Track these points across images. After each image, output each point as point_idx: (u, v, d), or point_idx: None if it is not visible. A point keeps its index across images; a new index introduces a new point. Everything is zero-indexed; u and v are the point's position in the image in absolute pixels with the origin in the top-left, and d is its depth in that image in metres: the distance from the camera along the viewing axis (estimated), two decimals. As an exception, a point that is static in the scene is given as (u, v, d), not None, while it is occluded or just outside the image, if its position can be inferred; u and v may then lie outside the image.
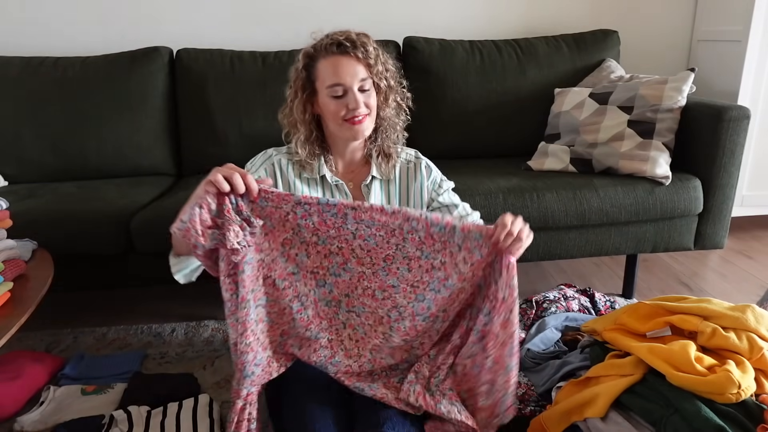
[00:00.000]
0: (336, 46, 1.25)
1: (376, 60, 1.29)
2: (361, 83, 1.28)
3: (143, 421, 1.30)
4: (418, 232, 1.13)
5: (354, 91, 1.27)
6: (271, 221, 1.11)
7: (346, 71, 1.26)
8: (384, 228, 1.13)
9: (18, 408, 1.41)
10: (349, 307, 1.20)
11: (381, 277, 1.16)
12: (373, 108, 1.32)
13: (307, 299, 1.17)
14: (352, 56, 1.25)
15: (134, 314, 1.96)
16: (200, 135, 2.10)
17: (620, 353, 1.28)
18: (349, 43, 1.25)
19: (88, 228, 1.63)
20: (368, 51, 1.27)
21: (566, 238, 1.78)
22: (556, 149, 1.92)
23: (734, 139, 1.74)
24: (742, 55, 2.26)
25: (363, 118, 1.29)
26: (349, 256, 1.16)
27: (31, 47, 2.23)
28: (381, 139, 1.39)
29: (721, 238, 1.87)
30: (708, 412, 1.06)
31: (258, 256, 1.12)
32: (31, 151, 2.04)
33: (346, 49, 1.25)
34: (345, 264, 1.16)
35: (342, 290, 1.19)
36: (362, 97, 1.28)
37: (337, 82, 1.26)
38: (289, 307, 1.16)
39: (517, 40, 2.24)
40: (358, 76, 1.27)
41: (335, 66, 1.26)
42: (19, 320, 1.14)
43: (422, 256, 1.15)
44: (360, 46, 1.26)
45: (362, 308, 1.19)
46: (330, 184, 1.39)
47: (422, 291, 1.17)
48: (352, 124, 1.29)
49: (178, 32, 2.29)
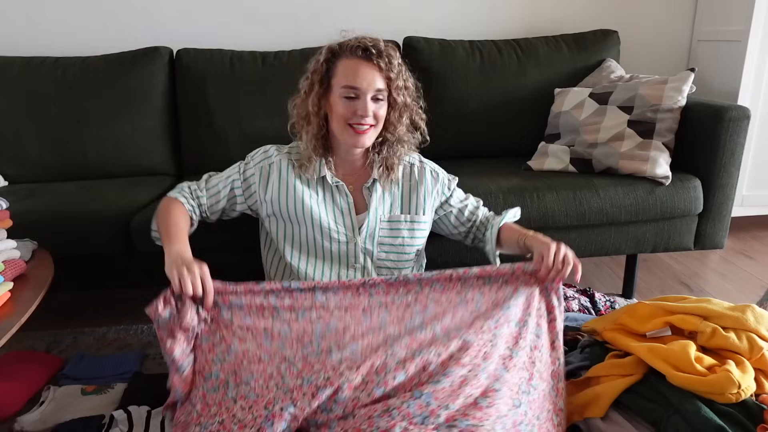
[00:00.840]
0: (362, 50, 1.25)
1: (398, 75, 1.28)
2: (376, 93, 1.27)
3: (143, 421, 1.30)
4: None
5: (367, 98, 1.26)
6: (249, 315, 1.17)
7: (364, 77, 1.25)
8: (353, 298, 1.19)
9: (18, 408, 1.41)
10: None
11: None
12: (380, 120, 1.31)
13: (294, 358, 1.10)
14: (374, 64, 1.25)
15: (134, 314, 1.96)
16: (200, 135, 2.10)
17: (620, 353, 1.28)
18: (375, 50, 1.24)
19: (88, 228, 1.63)
20: (392, 64, 1.26)
21: (566, 238, 1.77)
22: (556, 149, 1.92)
23: (734, 139, 1.74)
24: (742, 55, 2.26)
25: (368, 128, 1.29)
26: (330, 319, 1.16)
27: (31, 47, 2.23)
28: (386, 152, 1.39)
29: (721, 238, 1.87)
30: (708, 412, 1.06)
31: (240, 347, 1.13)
32: (31, 151, 2.04)
33: (371, 56, 1.25)
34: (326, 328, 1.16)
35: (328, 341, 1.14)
36: (373, 106, 1.27)
37: (352, 85, 1.25)
38: (277, 369, 1.08)
39: (517, 40, 2.24)
40: (375, 84, 1.26)
41: (355, 69, 1.25)
42: (19, 320, 1.14)
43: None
44: (385, 57, 1.25)
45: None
46: (330, 185, 1.39)
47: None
48: (355, 132, 1.29)
49: (178, 32, 2.29)
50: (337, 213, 1.40)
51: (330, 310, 1.18)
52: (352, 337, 1.12)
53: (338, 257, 1.41)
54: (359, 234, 1.41)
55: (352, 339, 1.11)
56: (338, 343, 1.11)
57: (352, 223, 1.41)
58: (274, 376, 1.06)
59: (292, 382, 1.03)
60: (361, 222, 1.41)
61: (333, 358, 1.07)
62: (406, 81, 1.32)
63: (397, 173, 1.42)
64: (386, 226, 1.42)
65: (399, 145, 1.39)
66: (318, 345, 1.11)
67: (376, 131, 1.32)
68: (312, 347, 1.11)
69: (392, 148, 1.39)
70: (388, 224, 1.43)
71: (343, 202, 1.41)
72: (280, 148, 1.44)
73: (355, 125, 1.28)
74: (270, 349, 1.11)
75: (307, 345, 1.11)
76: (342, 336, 1.12)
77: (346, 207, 1.41)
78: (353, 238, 1.41)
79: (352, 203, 1.41)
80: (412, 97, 1.36)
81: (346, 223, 1.41)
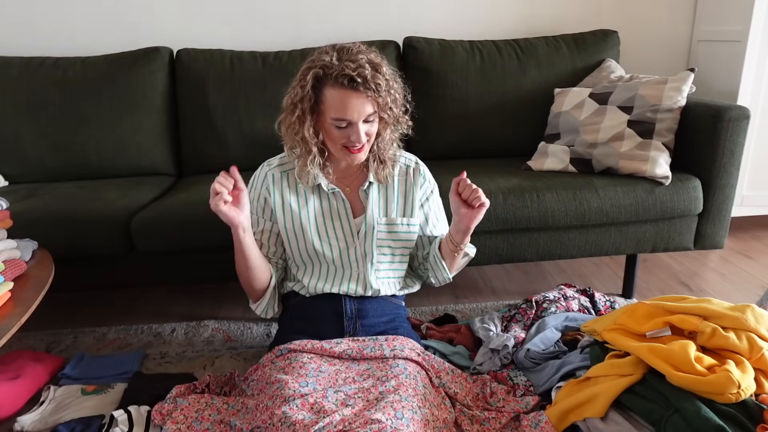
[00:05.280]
0: (348, 80, 1.21)
1: (386, 95, 1.26)
2: (367, 117, 1.27)
3: (143, 421, 1.30)
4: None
5: (359, 126, 1.26)
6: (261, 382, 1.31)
7: (354, 108, 1.23)
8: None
9: (18, 408, 1.41)
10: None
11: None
12: (373, 135, 1.32)
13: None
14: (362, 93, 1.22)
15: (134, 314, 1.96)
16: (200, 135, 2.10)
17: (620, 353, 1.28)
18: (361, 79, 1.21)
19: (88, 228, 1.63)
20: (379, 88, 1.23)
21: (566, 238, 1.78)
22: (556, 149, 1.92)
23: (734, 139, 1.74)
24: (742, 55, 2.26)
25: (361, 147, 1.30)
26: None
27: (31, 47, 2.23)
28: (377, 148, 1.39)
29: (721, 238, 1.87)
30: (708, 412, 1.06)
31: None
32: (31, 151, 2.04)
33: (358, 86, 1.21)
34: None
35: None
36: (365, 127, 1.28)
37: (343, 117, 1.24)
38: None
39: (517, 40, 2.24)
40: (365, 113, 1.25)
41: (344, 101, 1.23)
42: (19, 320, 1.14)
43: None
44: (371, 83, 1.22)
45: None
46: (326, 192, 1.40)
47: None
48: (350, 152, 1.30)
49: (178, 32, 2.29)
50: (335, 219, 1.41)
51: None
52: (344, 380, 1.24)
53: (340, 264, 1.42)
54: (358, 238, 1.41)
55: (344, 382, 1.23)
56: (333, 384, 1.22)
57: (350, 228, 1.41)
58: (276, 413, 1.11)
59: (294, 416, 1.10)
60: (359, 225, 1.41)
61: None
62: (395, 92, 1.30)
63: (391, 168, 1.42)
64: (384, 228, 1.43)
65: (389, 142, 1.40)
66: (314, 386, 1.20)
67: (370, 144, 1.34)
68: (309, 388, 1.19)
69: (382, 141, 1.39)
70: (386, 226, 1.43)
71: (340, 207, 1.41)
72: (270, 161, 1.45)
73: (350, 146, 1.30)
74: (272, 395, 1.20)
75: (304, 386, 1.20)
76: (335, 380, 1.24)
77: (344, 212, 1.41)
78: (353, 243, 1.41)
79: (350, 208, 1.41)
80: (399, 101, 1.34)
81: (345, 228, 1.41)
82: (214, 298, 2.07)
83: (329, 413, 1.07)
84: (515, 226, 1.72)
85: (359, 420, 1.06)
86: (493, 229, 1.71)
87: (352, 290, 1.42)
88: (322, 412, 1.08)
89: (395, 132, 1.39)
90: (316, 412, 1.08)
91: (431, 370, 1.34)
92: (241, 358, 1.64)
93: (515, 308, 1.67)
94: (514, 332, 1.53)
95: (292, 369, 1.23)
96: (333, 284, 1.42)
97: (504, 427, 1.26)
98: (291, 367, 1.24)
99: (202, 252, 1.69)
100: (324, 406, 1.10)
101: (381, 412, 1.08)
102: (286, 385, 1.16)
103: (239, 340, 1.74)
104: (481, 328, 1.59)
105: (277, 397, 1.14)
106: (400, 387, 1.18)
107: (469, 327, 1.64)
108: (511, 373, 1.43)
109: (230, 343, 1.73)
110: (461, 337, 1.61)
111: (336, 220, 1.41)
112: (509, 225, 1.71)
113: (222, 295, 2.09)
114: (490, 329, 1.57)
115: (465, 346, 1.58)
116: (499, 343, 1.48)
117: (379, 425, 1.03)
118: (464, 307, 1.91)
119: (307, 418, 1.06)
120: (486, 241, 1.74)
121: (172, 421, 1.22)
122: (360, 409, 1.11)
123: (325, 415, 1.07)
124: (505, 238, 1.75)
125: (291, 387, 1.15)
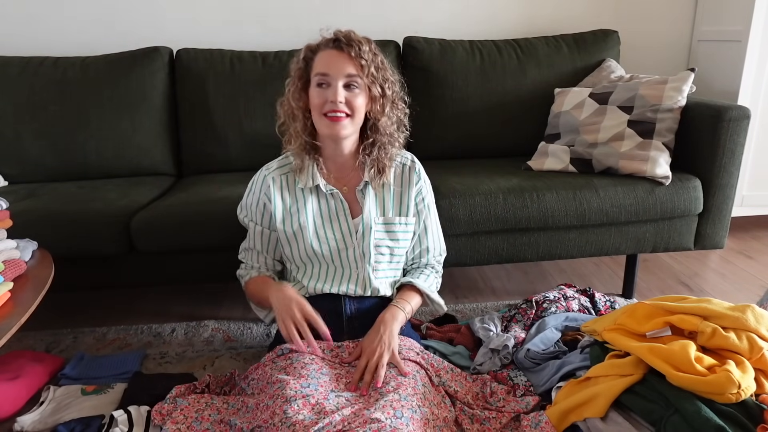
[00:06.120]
0: (333, 41, 1.31)
1: (369, 62, 1.31)
2: (348, 79, 1.30)
3: (143, 421, 1.30)
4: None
5: (338, 84, 1.29)
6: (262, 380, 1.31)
7: (334, 64, 1.30)
8: None
9: (18, 408, 1.41)
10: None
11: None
12: (357, 110, 1.32)
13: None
14: (344, 52, 1.30)
15: (134, 314, 1.96)
16: (200, 135, 2.10)
17: (620, 353, 1.28)
18: (345, 39, 1.30)
19: (88, 228, 1.63)
20: (362, 50, 1.30)
21: (566, 238, 1.78)
22: (556, 149, 1.92)
23: (734, 139, 1.74)
24: (742, 55, 2.26)
25: (343, 117, 1.30)
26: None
27: (31, 47, 2.23)
28: (377, 153, 1.39)
29: (721, 238, 1.87)
30: (708, 412, 1.06)
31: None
32: (31, 151, 2.04)
33: (340, 44, 1.30)
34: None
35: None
36: (346, 93, 1.30)
37: (323, 72, 1.30)
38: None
39: (517, 40, 2.24)
40: (345, 71, 1.29)
41: (327, 58, 1.31)
42: (19, 320, 1.14)
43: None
44: (354, 45, 1.30)
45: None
46: (324, 193, 1.40)
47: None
48: (330, 120, 1.30)
49: (178, 32, 2.29)
50: (333, 220, 1.41)
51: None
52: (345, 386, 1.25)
53: (339, 264, 1.42)
54: (356, 238, 1.41)
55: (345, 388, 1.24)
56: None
57: (349, 228, 1.41)
58: (278, 413, 1.12)
59: (295, 416, 1.10)
60: (357, 226, 1.41)
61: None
62: (384, 71, 1.35)
63: (389, 176, 1.42)
64: (381, 228, 1.42)
65: (390, 145, 1.40)
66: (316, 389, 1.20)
67: (353, 122, 1.33)
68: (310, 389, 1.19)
69: (383, 149, 1.39)
70: (383, 226, 1.43)
71: (339, 208, 1.41)
72: (269, 165, 1.45)
73: (330, 114, 1.30)
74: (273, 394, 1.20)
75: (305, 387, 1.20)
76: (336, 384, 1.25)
77: (342, 213, 1.41)
78: (351, 243, 1.41)
79: (348, 209, 1.41)
80: (393, 90, 1.37)
81: (343, 229, 1.41)
82: (214, 298, 2.07)
83: (329, 414, 1.08)
84: (515, 226, 1.72)
85: (359, 419, 1.06)
86: (493, 229, 1.71)
87: (351, 290, 1.42)
88: (323, 413, 1.08)
89: (393, 124, 1.38)
90: (317, 413, 1.09)
91: (431, 368, 1.34)
92: (241, 358, 1.64)
93: (515, 308, 1.67)
94: (514, 332, 1.53)
95: (293, 369, 1.23)
96: (332, 284, 1.42)
97: (504, 427, 1.26)
98: (292, 367, 1.24)
99: (202, 252, 1.69)
100: (325, 407, 1.10)
101: (380, 412, 1.08)
102: (288, 385, 1.16)
103: (239, 340, 1.74)
104: (481, 328, 1.59)
105: (279, 396, 1.14)
106: (399, 386, 1.19)
107: (469, 327, 1.64)
108: (511, 373, 1.43)
109: (230, 343, 1.73)
110: (461, 337, 1.61)
111: (335, 221, 1.41)
112: (509, 225, 1.71)
113: (222, 295, 2.09)
114: (490, 329, 1.57)
115: (465, 346, 1.58)
116: (499, 343, 1.48)
117: (378, 424, 1.03)
118: (464, 307, 1.91)
119: (307, 418, 1.06)
120: (486, 241, 1.75)
121: (172, 421, 1.22)
122: (359, 409, 1.11)
123: (325, 416, 1.07)
124: (505, 238, 1.75)
125: (293, 387, 1.15)
